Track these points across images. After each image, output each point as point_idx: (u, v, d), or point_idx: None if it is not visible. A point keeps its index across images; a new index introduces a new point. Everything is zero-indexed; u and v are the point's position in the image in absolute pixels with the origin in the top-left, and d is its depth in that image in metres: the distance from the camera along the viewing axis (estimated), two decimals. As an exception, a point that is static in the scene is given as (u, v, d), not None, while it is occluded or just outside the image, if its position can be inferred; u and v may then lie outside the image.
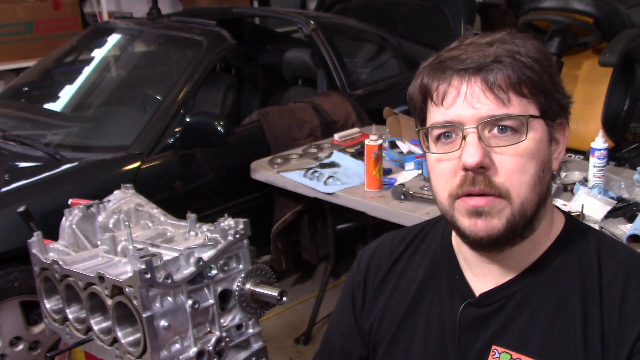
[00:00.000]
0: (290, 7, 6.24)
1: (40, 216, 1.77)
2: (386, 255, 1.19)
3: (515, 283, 1.01)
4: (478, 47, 0.94)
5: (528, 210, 0.95)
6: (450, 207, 0.97)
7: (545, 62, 0.96)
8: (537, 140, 0.95)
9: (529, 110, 0.94)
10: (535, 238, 1.00)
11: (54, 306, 1.29)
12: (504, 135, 0.93)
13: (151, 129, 2.88)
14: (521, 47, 0.94)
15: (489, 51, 0.93)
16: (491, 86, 0.92)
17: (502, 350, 0.99)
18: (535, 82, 0.94)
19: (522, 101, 0.93)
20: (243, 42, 4.41)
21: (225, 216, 1.21)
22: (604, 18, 3.19)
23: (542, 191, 0.97)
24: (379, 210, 2.43)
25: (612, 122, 3.31)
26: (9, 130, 2.98)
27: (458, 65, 0.94)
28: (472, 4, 4.37)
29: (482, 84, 0.92)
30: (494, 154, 0.93)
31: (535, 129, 0.94)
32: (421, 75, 0.99)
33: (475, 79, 0.93)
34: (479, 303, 1.03)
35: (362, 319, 1.19)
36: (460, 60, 0.94)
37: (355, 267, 1.23)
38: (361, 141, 2.94)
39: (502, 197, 0.93)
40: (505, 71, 0.92)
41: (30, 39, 4.71)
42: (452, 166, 0.95)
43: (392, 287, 1.16)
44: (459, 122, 0.94)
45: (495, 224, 0.94)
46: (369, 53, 4.08)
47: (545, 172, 0.97)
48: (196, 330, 1.14)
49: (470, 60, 0.93)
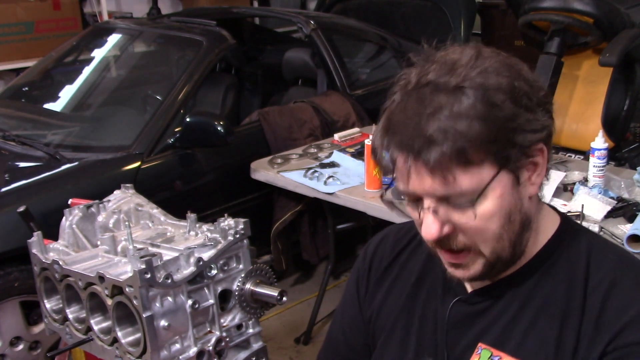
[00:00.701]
0: (290, 7, 6.24)
1: (40, 216, 1.77)
2: (390, 247, 1.21)
3: (506, 283, 1.02)
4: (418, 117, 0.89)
5: (503, 255, 0.96)
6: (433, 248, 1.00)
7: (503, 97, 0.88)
8: (498, 198, 0.91)
9: (483, 174, 0.89)
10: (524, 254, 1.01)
11: (54, 306, 1.29)
12: (460, 208, 0.91)
13: (151, 129, 2.88)
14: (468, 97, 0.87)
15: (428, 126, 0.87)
16: (433, 168, 0.88)
17: (484, 347, 1.01)
18: (483, 141, 0.87)
19: (471, 170, 0.88)
20: (243, 42, 4.41)
21: (225, 216, 1.21)
22: (604, 18, 3.19)
23: (515, 231, 0.95)
24: (379, 210, 2.43)
25: (612, 122, 3.31)
26: (9, 130, 2.98)
27: (398, 142, 0.90)
28: (472, 4, 4.38)
29: (423, 166, 0.89)
30: (454, 219, 0.93)
31: (493, 188, 0.90)
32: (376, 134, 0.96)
33: (416, 160, 0.89)
34: (470, 300, 1.05)
35: (364, 307, 1.21)
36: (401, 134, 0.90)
37: (361, 258, 1.25)
38: (361, 141, 2.94)
39: (474, 251, 0.95)
40: (439, 149, 0.86)
41: (30, 39, 4.71)
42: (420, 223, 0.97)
43: (394, 277, 1.17)
44: (414, 195, 0.93)
45: (473, 271, 0.97)
46: (369, 53, 4.08)
47: (513, 216, 0.94)
48: (196, 330, 1.14)
49: (408, 140, 0.89)
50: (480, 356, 1.01)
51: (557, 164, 2.62)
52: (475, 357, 1.02)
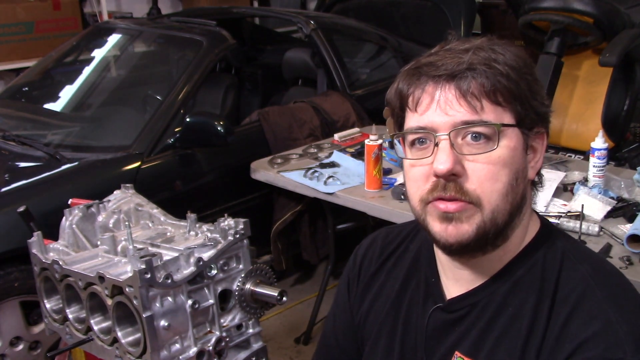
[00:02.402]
0: (290, 7, 6.24)
1: (40, 216, 1.77)
2: (378, 252, 1.21)
3: (481, 290, 1.02)
4: (455, 54, 0.94)
5: (499, 218, 0.95)
6: (422, 211, 0.98)
7: (525, 70, 0.95)
8: (511, 149, 0.94)
9: (504, 119, 0.94)
10: (507, 246, 1.00)
11: (54, 306, 1.29)
12: (477, 143, 0.93)
13: (151, 129, 2.88)
14: (499, 55, 0.94)
15: (464, 58, 0.93)
16: (464, 93, 0.92)
17: (459, 355, 1.01)
18: (511, 90, 0.93)
19: (497, 109, 0.93)
20: (243, 42, 4.41)
21: (225, 216, 1.21)
22: (604, 18, 3.19)
23: (516, 200, 0.96)
24: (379, 210, 2.43)
25: (612, 122, 3.31)
26: (9, 130, 2.98)
27: (433, 71, 0.94)
28: (472, 4, 4.38)
29: (455, 91, 0.92)
30: (466, 161, 0.93)
31: (509, 138, 0.94)
32: (398, 81, 0.99)
33: (449, 86, 0.93)
34: (447, 308, 1.05)
35: (353, 311, 1.21)
36: (436, 66, 0.94)
37: (352, 261, 1.25)
38: (361, 141, 2.94)
39: (473, 204, 0.93)
40: (478, 79, 0.92)
41: (30, 39, 4.71)
42: (425, 171, 0.96)
43: (380, 284, 1.17)
44: (432, 128, 0.94)
45: (465, 230, 0.94)
46: (369, 53, 4.08)
47: (519, 181, 0.96)
48: (196, 330, 1.14)
49: (445, 67, 0.93)
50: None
51: (557, 164, 2.62)
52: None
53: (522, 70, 0.95)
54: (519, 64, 0.95)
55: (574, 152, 3.13)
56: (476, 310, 1.01)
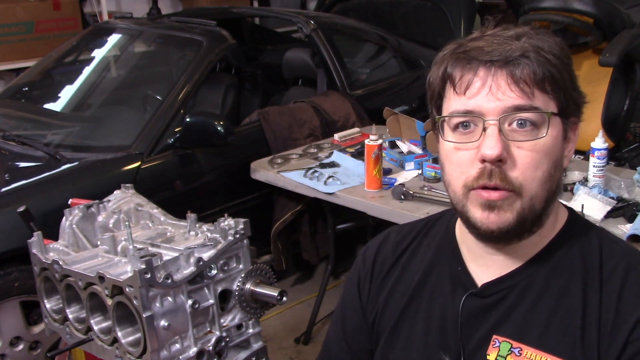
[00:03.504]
0: (290, 7, 6.24)
1: (40, 216, 1.77)
2: (391, 250, 1.20)
3: (518, 273, 1.02)
4: (503, 40, 0.95)
5: (537, 205, 0.96)
6: (463, 197, 0.98)
7: (566, 60, 0.96)
8: (554, 138, 0.96)
9: (550, 107, 0.95)
10: (541, 232, 1.02)
11: (54, 306, 1.29)
12: (524, 130, 0.94)
13: (151, 129, 2.88)
14: (545, 44, 0.95)
15: (515, 45, 0.93)
16: (517, 80, 0.92)
17: (502, 340, 1.01)
18: (557, 80, 0.94)
19: (545, 97, 0.94)
20: (243, 42, 4.41)
21: (225, 216, 1.21)
22: (604, 18, 3.19)
23: (552, 188, 0.98)
24: (379, 210, 2.43)
25: (612, 122, 3.31)
26: (9, 130, 2.98)
27: (484, 56, 0.94)
28: (472, 4, 4.38)
29: (507, 77, 0.93)
30: (512, 148, 0.94)
31: (553, 126, 0.95)
32: (445, 63, 0.99)
33: (501, 71, 0.93)
34: (482, 293, 1.04)
35: (368, 312, 1.20)
36: (486, 52, 0.94)
37: (360, 262, 1.23)
38: (361, 141, 2.94)
39: (514, 192, 0.94)
40: (531, 66, 0.92)
41: (30, 39, 4.71)
42: (470, 156, 0.96)
43: (395, 279, 1.17)
44: (480, 112, 0.94)
45: (507, 218, 0.95)
46: (369, 53, 4.08)
47: (557, 169, 0.98)
48: (196, 330, 1.14)
49: (497, 53, 0.93)
50: (500, 349, 1.00)
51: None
52: (494, 350, 1.01)
53: (565, 60, 0.96)
54: (562, 54, 0.96)
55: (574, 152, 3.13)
56: (514, 293, 1.02)
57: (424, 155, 2.72)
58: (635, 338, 0.93)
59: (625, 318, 0.94)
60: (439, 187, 2.47)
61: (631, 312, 0.94)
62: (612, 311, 0.95)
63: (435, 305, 1.10)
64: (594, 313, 0.96)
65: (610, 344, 0.94)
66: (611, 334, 0.94)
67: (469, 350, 1.04)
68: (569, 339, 0.96)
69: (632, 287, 0.96)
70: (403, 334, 1.13)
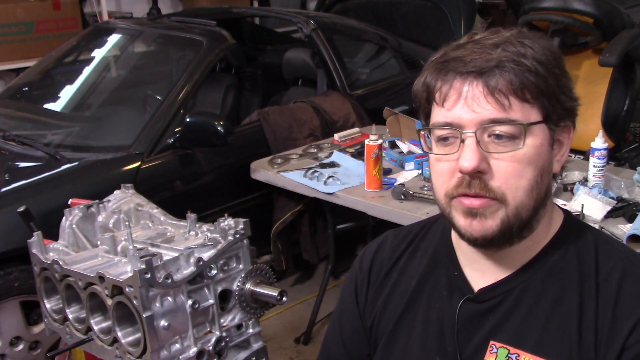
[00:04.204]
0: (290, 7, 6.24)
1: (40, 216, 1.77)
2: (388, 254, 1.20)
3: (514, 279, 1.02)
4: (483, 49, 0.94)
5: (523, 213, 0.95)
6: (447, 205, 0.99)
7: (553, 64, 0.95)
8: (537, 146, 0.94)
9: (531, 116, 0.94)
10: (534, 237, 1.01)
11: (54, 306, 1.29)
12: (502, 142, 0.93)
13: (151, 129, 2.88)
14: (528, 49, 0.93)
15: (493, 54, 0.92)
16: (492, 91, 0.91)
17: (500, 345, 1.00)
18: (539, 87, 0.93)
19: (524, 106, 0.93)
20: (243, 42, 4.41)
21: (225, 216, 1.21)
22: (604, 18, 3.19)
23: (540, 195, 0.97)
24: (379, 210, 2.43)
25: (612, 122, 3.30)
26: (9, 130, 2.98)
27: (461, 67, 0.93)
28: (472, 4, 4.37)
29: (483, 88, 0.92)
30: (491, 159, 0.94)
31: (535, 135, 0.94)
32: (425, 74, 0.99)
33: (477, 82, 0.92)
34: (478, 298, 1.04)
35: (365, 316, 1.20)
36: (464, 62, 0.93)
37: (357, 267, 1.23)
38: (361, 141, 2.94)
39: (498, 200, 0.94)
40: (507, 76, 0.91)
41: (30, 39, 4.71)
42: (450, 167, 0.96)
43: (393, 283, 1.16)
44: (458, 124, 0.94)
45: (489, 225, 0.95)
46: (369, 53, 4.08)
47: (544, 176, 0.97)
48: (196, 330, 1.14)
49: (473, 64, 0.92)
50: (497, 355, 1.00)
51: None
52: (491, 356, 1.01)
53: (550, 65, 0.94)
54: (547, 58, 0.94)
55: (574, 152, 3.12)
56: (511, 298, 1.01)
57: (424, 155, 2.72)
58: (632, 342, 0.92)
59: (622, 322, 0.93)
60: (439, 187, 2.47)
61: (628, 316, 0.93)
62: (609, 315, 0.94)
63: (432, 310, 1.10)
64: (590, 317, 0.95)
65: (607, 349, 0.93)
66: (608, 339, 0.94)
67: (466, 356, 1.04)
68: (566, 344, 0.96)
69: (628, 290, 0.95)
70: (401, 338, 1.12)
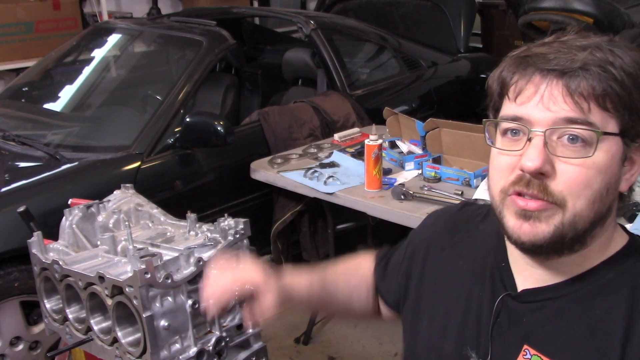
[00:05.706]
0: (290, 7, 6.24)
1: (40, 216, 1.77)
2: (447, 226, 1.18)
3: (561, 288, 0.97)
4: (569, 49, 0.89)
5: (580, 224, 0.89)
6: (500, 202, 0.93)
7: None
8: (608, 159, 0.89)
9: (608, 126, 0.88)
10: (585, 253, 0.95)
11: (54, 306, 1.29)
12: (573, 146, 0.87)
13: (151, 129, 2.88)
14: (617, 58, 0.88)
15: (579, 56, 0.88)
16: (572, 92, 0.86)
17: (534, 353, 0.96)
18: (622, 98, 0.87)
19: (603, 115, 0.87)
20: (243, 42, 4.41)
21: (225, 216, 1.21)
22: (604, 18, 3.19)
23: (601, 210, 0.91)
24: (379, 210, 2.43)
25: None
26: (9, 130, 2.98)
27: (543, 64, 0.89)
28: (472, 4, 4.38)
29: (563, 88, 0.87)
30: (557, 162, 0.88)
31: (608, 146, 0.88)
32: (503, 66, 0.95)
33: (557, 82, 0.87)
34: (520, 298, 1.00)
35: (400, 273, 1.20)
36: (547, 59, 0.89)
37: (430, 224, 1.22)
38: (361, 141, 2.94)
39: (556, 204, 0.88)
40: (590, 80, 0.86)
41: (30, 39, 4.71)
42: (511, 162, 0.91)
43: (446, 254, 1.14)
44: (528, 121, 0.89)
45: (541, 230, 0.89)
46: (369, 53, 4.08)
47: (610, 191, 0.91)
48: (196, 330, 1.14)
49: (556, 62, 0.88)
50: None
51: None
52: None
53: (638, 78, 0.88)
54: (637, 71, 0.89)
55: None
56: (554, 306, 0.96)
57: (424, 155, 2.72)
58: None
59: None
60: (439, 187, 2.47)
61: None
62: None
63: (473, 299, 1.05)
64: (636, 347, 0.90)
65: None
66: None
67: (497, 353, 1.00)
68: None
69: None
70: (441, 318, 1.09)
